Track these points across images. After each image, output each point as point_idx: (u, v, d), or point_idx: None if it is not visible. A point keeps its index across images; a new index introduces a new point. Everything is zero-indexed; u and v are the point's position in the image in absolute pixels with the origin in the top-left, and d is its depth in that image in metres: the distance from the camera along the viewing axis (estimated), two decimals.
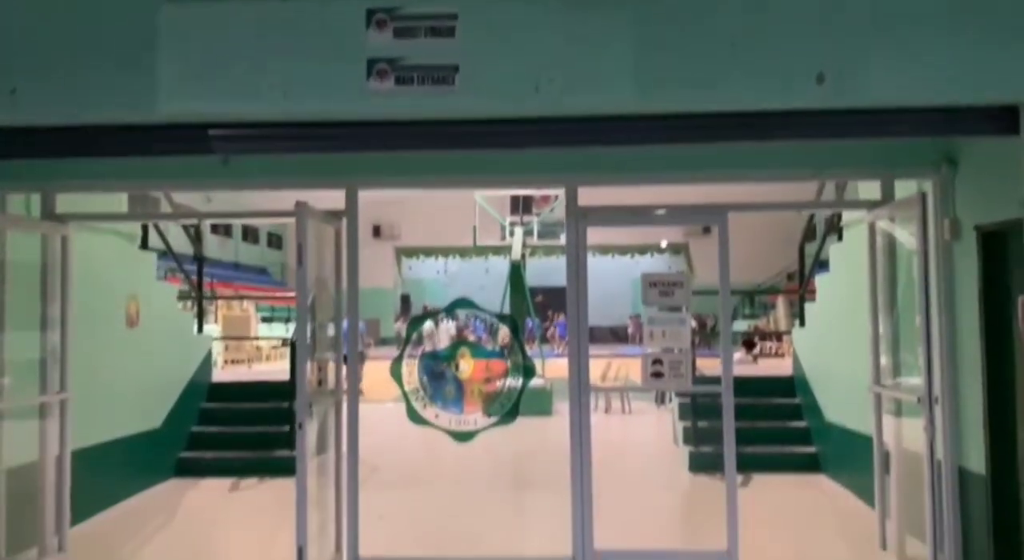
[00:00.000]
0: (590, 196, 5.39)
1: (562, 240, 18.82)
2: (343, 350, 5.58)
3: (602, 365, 14.94)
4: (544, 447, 8.80)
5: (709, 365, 11.66)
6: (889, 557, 5.40)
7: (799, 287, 9.27)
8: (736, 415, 5.20)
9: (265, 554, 5.89)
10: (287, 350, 31.50)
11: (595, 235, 5.35)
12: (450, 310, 5.57)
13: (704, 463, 8.16)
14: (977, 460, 4.77)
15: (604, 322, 36.62)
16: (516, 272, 14.26)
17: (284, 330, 35.38)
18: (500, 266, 43.38)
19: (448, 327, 5.62)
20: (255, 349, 30.83)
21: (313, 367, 5.14)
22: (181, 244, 11.53)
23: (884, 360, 5.53)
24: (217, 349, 16.79)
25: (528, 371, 5.45)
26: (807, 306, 8.64)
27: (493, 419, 5.38)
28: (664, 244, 40.95)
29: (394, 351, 5.56)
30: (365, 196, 5.58)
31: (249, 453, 8.48)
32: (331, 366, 5.43)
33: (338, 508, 5.28)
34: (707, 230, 41.84)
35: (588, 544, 5.20)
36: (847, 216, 7.14)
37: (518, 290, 14.36)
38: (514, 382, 5.42)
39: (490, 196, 18.06)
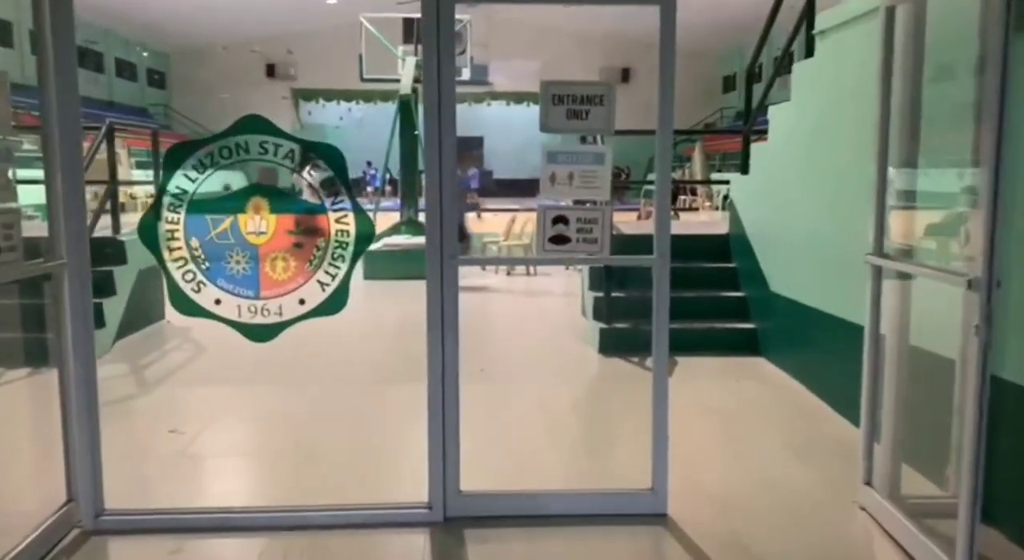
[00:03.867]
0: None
1: (465, 75, 16.60)
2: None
3: (506, 220, 13.17)
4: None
5: (624, 221, 10.08)
6: (877, 498, 3.89)
7: (744, 122, 7.46)
8: (652, 284, 3.55)
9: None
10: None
11: (507, 78, 3.47)
12: (230, 134, 3.58)
13: (617, 343, 6.56)
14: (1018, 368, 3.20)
15: (522, 174, 34.72)
16: (406, 109, 12.02)
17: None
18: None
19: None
20: (129, 197, 28.00)
21: None
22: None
23: (898, 221, 3.80)
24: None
25: (363, 231, 3.54)
26: (755, 149, 6.87)
27: (306, 306, 3.51)
28: None
29: None
30: (256, 32, 3.46)
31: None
32: None
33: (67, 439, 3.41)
34: (626, 78, 39.84)
35: (451, 486, 3.52)
36: (827, 20, 5.25)
37: (408, 132, 12.20)
38: (340, 249, 3.52)
39: (383, 20, 15.50)
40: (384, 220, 12.66)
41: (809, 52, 5.80)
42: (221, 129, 3.59)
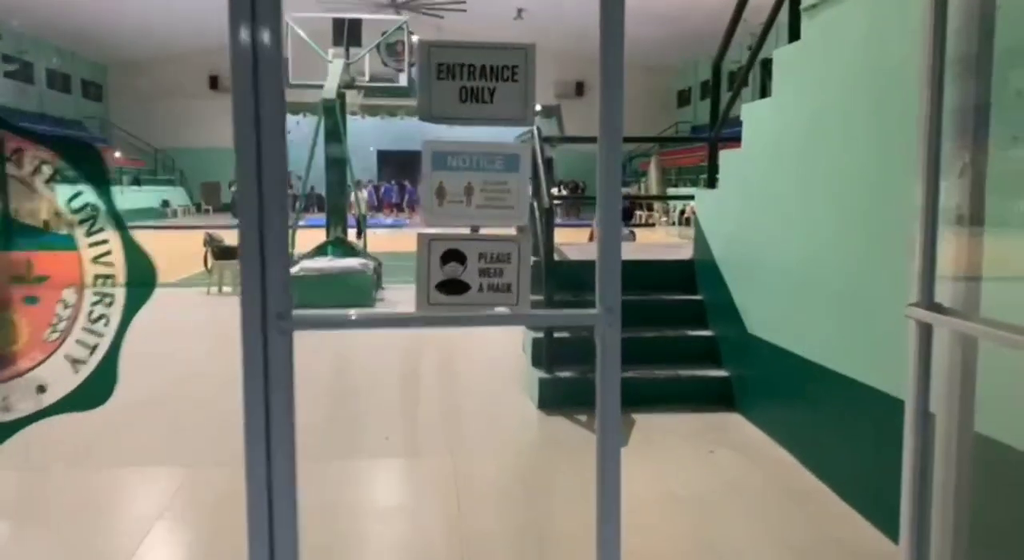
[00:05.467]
0: None
1: (402, 81, 15.31)
2: None
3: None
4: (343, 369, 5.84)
5: (572, 241, 8.68)
6: None
7: (711, 128, 6.26)
8: None
9: None
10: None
11: None
12: None
13: (561, 396, 5.31)
14: None
15: None
16: (330, 115, 10.69)
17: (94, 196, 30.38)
18: (366, 127, 39.22)
19: None
20: (53, 214, 26.15)
21: None
22: None
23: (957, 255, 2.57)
24: None
25: (137, 276, 2.26)
26: (724, 158, 5.68)
27: (49, 396, 2.21)
28: (539, 107, 37.64)
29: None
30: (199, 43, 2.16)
31: None
32: None
33: None
34: (580, 92, 38.94)
35: None
36: None
37: (335, 141, 10.86)
38: (101, 306, 2.23)
39: (313, 21, 14.19)
40: (308, 239, 11.35)
41: (794, 34, 4.64)
42: (162, 143, 2.27)
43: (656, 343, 5.69)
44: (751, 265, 5.09)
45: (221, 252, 11.03)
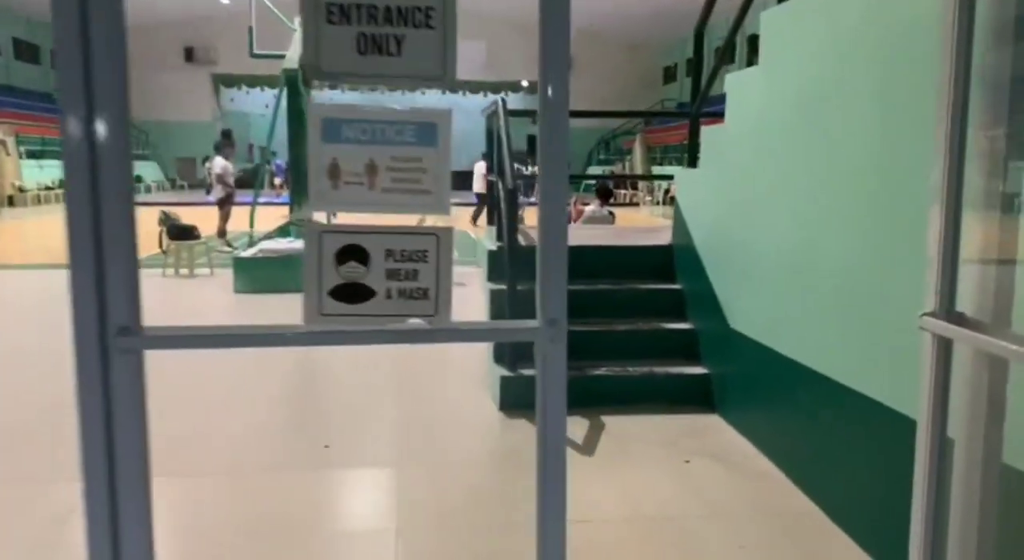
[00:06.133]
0: None
1: None
2: None
3: (413, 219, 11.37)
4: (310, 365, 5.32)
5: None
6: None
7: (692, 101, 5.73)
8: (578, 311, 1.88)
9: None
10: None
11: None
12: None
13: (525, 397, 4.82)
14: None
15: (458, 166, 32.64)
16: (292, 87, 10.08)
17: (62, 171, 29.31)
18: (349, 101, 38.24)
19: None
20: (18, 190, 25.32)
21: None
22: None
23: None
24: None
25: None
26: (707, 134, 5.16)
27: None
28: (525, 83, 36.82)
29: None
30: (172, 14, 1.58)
31: None
32: None
33: None
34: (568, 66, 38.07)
35: None
36: None
37: (297, 116, 10.25)
38: None
39: None
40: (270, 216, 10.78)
41: None
42: (135, 117, 1.73)
43: (630, 337, 5.21)
44: (734, 253, 4.60)
45: (178, 232, 10.45)
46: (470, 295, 6.33)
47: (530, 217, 6.91)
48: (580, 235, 6.35)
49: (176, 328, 1.75)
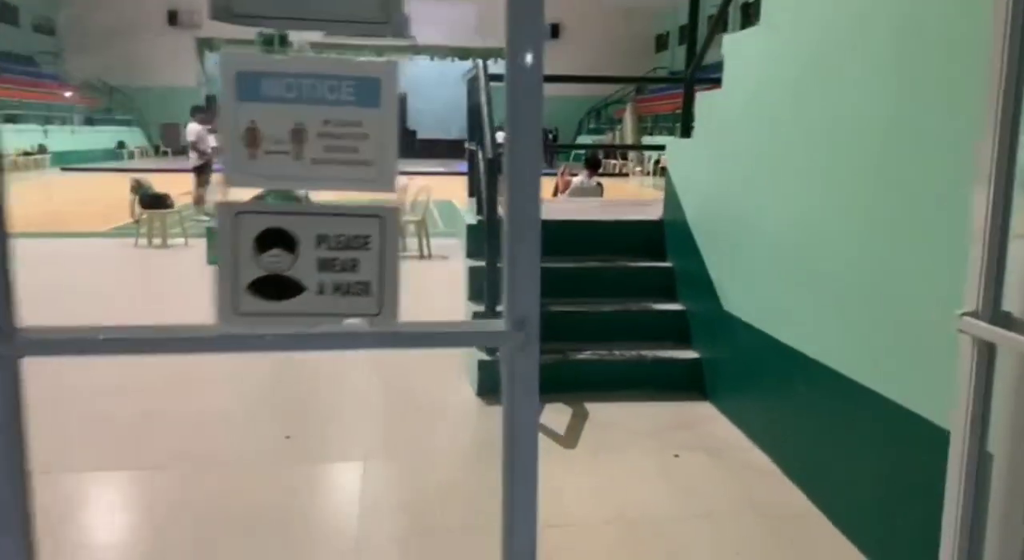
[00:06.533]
0: None
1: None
2: None
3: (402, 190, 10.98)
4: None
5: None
6: None
7: (687, 65, 5.37)
8: (562, 290, 1.69)
9: None
10: (45, 159, 25.52)
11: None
12: None
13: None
14: None
15: (449, 134, 32.39)
16: (269, 49, 9.62)
17: (42, 136, 28.80)
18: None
19: None
20: None
21: None
22: None
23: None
24: None
25: None
26: (701, 100, 4.81)
27: None
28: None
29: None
30: None
31: None
32: None
33: None
34: (555, 34, 37.52)
35: None
36: None
37: None
38: None
39: None
40: None
41: None
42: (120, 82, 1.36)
43: (616, 318, 4.90)
44: (730, 230, 4.27)
45: (151, 200, 10.05)
46: (456, 270, 5.97)
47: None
48: (565, 209, 6.01)
49: (60, 335, 1.42)
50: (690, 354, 4.72)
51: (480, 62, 5.26)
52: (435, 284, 6.74)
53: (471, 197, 5.70)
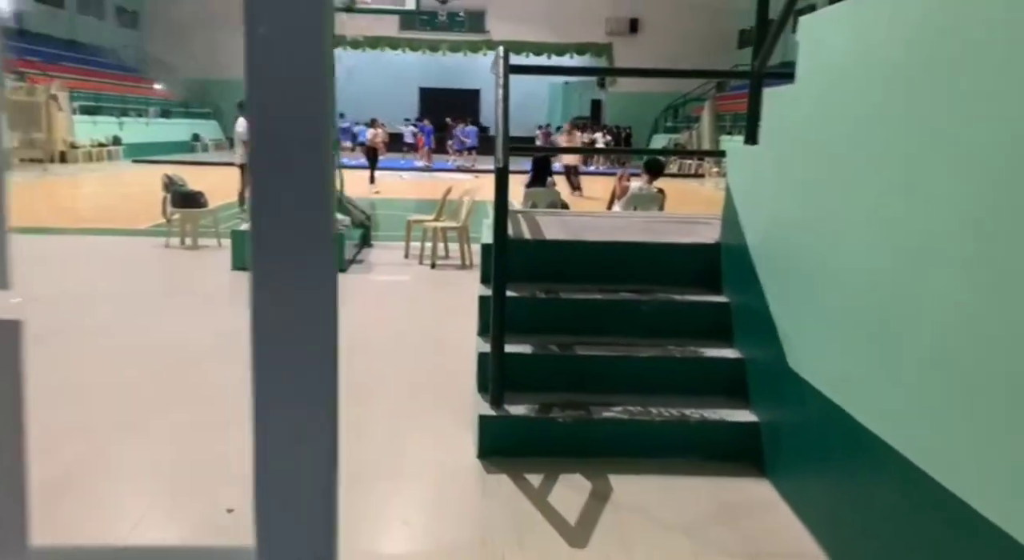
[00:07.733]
0: None
1: (409, 3, 13.44)
2: None
3: (441, 188, 10.23)
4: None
5: (592, 199, 6.70)
6: None
7: (754, 57, 4.38)
8: (589, 328, 1.49)
9: None
10: (118, 151, 25.69)
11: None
12: None
13: (511, 443, 3.68)
14: None
15: (519, 131, 31.44)
16: None
17: (117, 128, 29.02)
18: (409, 62, 37.10)
19: None
20: (70, 146, 24.91)
21: None
22: None
23: None
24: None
25: None
26: (769, 98, 3.85)
27: None
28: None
29: None
30: None
31: None
32: None
33: None
34: (634, 29, 36.27)
35: None
36: None
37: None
38: None
39: None
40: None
41: None
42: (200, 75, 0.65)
43: (656, 366, 3.98)
44: (800, 265, 3.31)
45: (182, 199, 9.50)
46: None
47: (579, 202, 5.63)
48: (597, 225, 5.07)
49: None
50: (747, 416, 3.77)
51: (503, 49, 4.41)
52: (470, 299, 5.81)
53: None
